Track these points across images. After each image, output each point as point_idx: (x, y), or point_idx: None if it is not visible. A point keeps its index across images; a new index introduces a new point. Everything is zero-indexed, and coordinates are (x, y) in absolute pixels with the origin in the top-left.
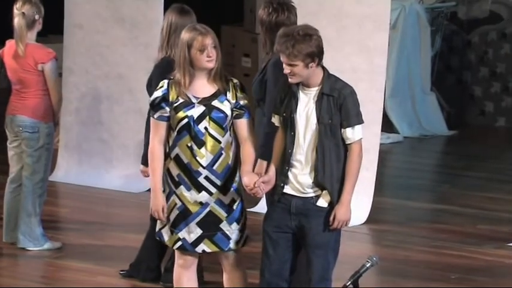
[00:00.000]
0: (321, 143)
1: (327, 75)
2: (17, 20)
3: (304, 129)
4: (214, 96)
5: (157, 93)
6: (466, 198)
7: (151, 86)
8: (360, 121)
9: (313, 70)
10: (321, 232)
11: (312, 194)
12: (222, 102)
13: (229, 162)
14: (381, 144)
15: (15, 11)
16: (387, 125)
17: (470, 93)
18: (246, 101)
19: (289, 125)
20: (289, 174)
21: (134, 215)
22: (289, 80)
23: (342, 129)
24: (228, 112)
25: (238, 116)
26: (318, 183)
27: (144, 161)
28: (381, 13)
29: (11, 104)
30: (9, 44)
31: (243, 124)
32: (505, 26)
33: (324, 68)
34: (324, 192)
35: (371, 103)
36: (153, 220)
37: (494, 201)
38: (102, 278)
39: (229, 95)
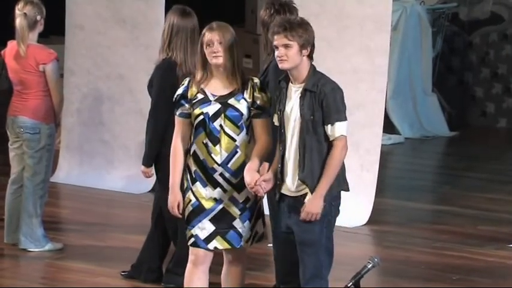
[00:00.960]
0: (302, 139)
1: (313, 72)
2: (19, 21)
3: (288, 126)
4: (232, 94)
5: (179, 91)
6: (466, 199)
7: (152, 87)
8: (340, 118)
9: (304, 60)
10: (308, 229)
11: (300, 192)
12: (238, 100)
13: (246, 161)
14: (382, 145)
15: (17, 12)
16: (388, 126)
17: (471, 94)
18: (263, 101)
19: (280, 123)
20: (283, 172)
21: (135, 216)
22: (280, 65)
23: (324, 126)
24: (244, 111)
25: (255, 116)
26: (301, 181)
27: (145, 162)
28: (382, 14)
29: (12, 105)
30: (11, 44)
31: (258, 124)
32: (506, 27)
33: (311, 65)
34: (307, 189)
35: (372, 104)
36: (155, 221)
37: (495, 202)
38: (103, 279)
39: (246, 94)
